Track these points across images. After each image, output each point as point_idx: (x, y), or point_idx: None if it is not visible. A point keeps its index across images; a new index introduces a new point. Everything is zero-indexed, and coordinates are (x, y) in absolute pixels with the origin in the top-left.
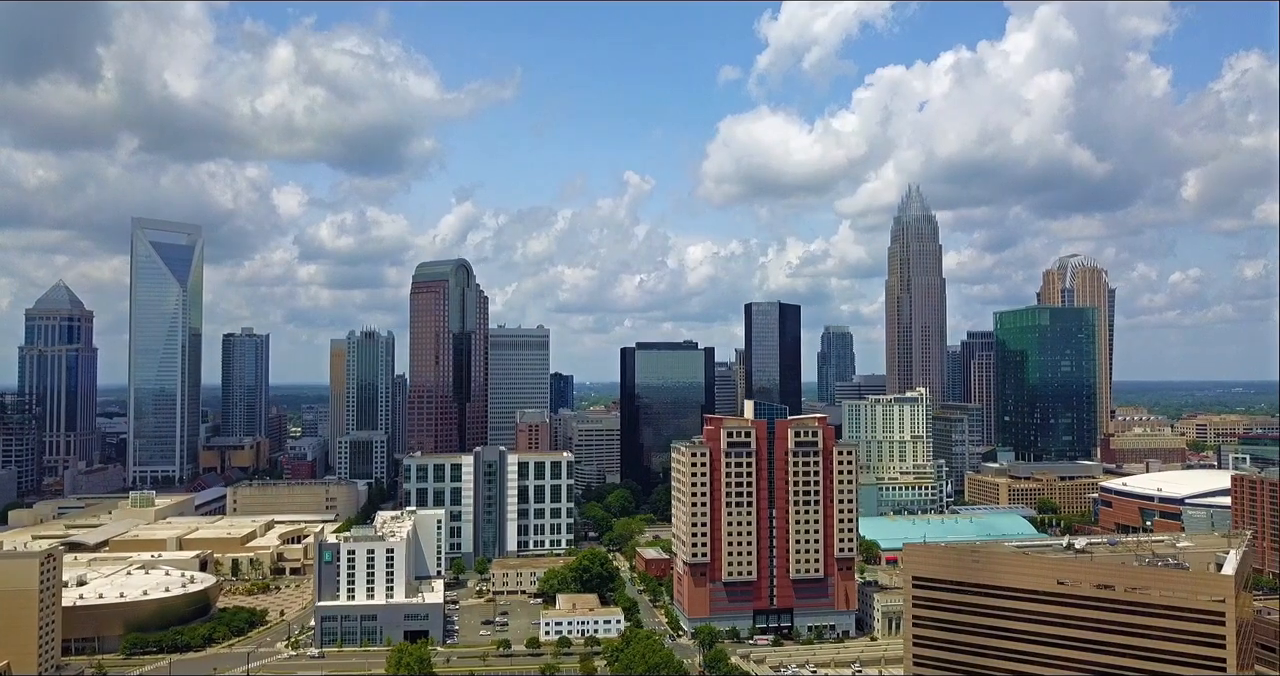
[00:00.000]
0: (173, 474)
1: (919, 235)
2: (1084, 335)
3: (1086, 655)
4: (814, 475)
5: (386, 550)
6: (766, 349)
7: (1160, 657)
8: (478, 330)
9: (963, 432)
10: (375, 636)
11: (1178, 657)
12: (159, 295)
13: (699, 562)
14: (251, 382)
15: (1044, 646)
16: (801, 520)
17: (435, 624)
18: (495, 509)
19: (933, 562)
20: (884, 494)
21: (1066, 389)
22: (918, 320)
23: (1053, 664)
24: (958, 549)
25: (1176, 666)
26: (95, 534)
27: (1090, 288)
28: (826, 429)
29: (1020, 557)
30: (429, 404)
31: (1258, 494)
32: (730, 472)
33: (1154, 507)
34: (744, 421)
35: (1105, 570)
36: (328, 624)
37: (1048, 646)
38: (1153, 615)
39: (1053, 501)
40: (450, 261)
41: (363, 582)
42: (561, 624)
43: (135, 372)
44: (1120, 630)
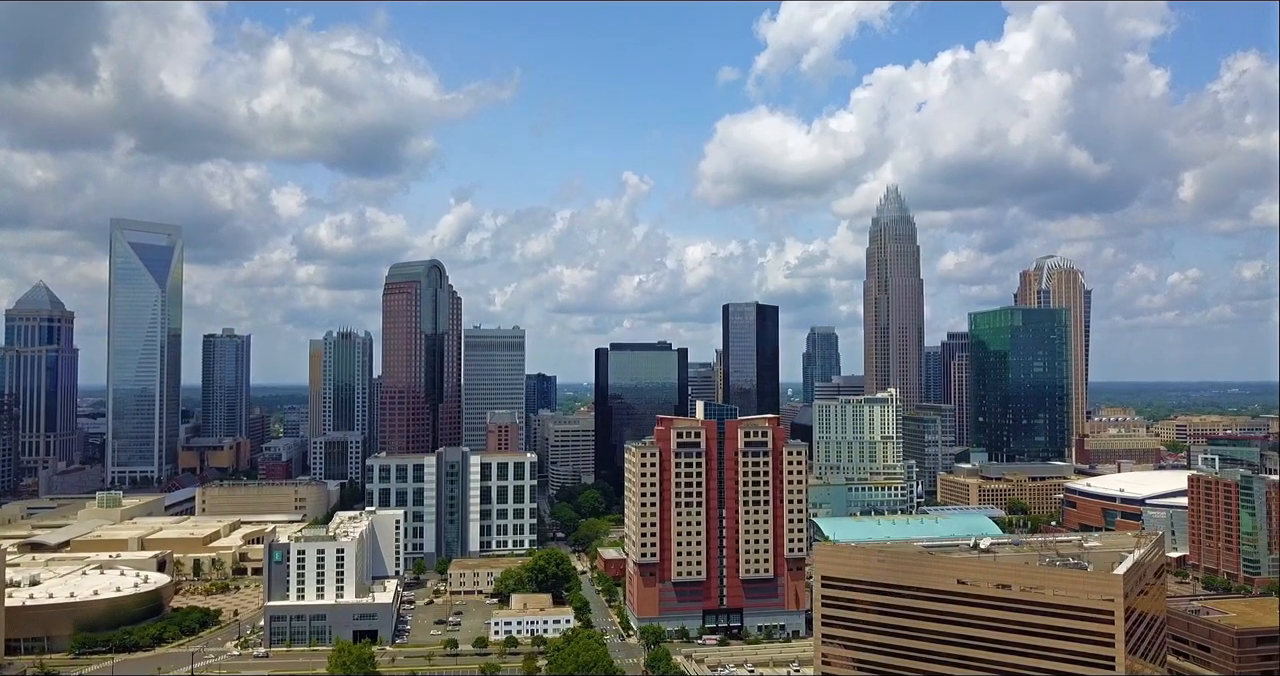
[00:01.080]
0: (151, 474)
1: (897, 236)
2: (1056, 336)
3: (988, 654)
4: (764, 475)
5: (337, 550)
6: (744, 350)
7: (1055, 656)
8: (451, 331)
9: (935, 433)
10: (325, 636)
11: (1071, 656)
12: (138, 296)
13: (648, 562)
14: (232, 383)
15: (948, 645)
16: (751, 520)
17: (384, 623)
18: (458, 509)
19: (841, 562)
20: (853, 494)
21: (1039, 389)
22: (895, 321)
23: (957, 663)
24: (865, 549)
25: (1070, 664)
26: (58, 534)
27: (1066, 289)
28: (776, 429)
29: (924, 557)
30: (401, 404)
31: (1213, 494)
32: (680, 473)
33: (1116, 508)
34: (694, 422)
35: (1003, 570)
36: (277, 623)
37: (951, 645)
38: (1047, 614)
39: (1023, 502)
40: (422, 262)
41: (313, 582)
42: (511, 624)
43: (114, 373)
44: (1018, 629)
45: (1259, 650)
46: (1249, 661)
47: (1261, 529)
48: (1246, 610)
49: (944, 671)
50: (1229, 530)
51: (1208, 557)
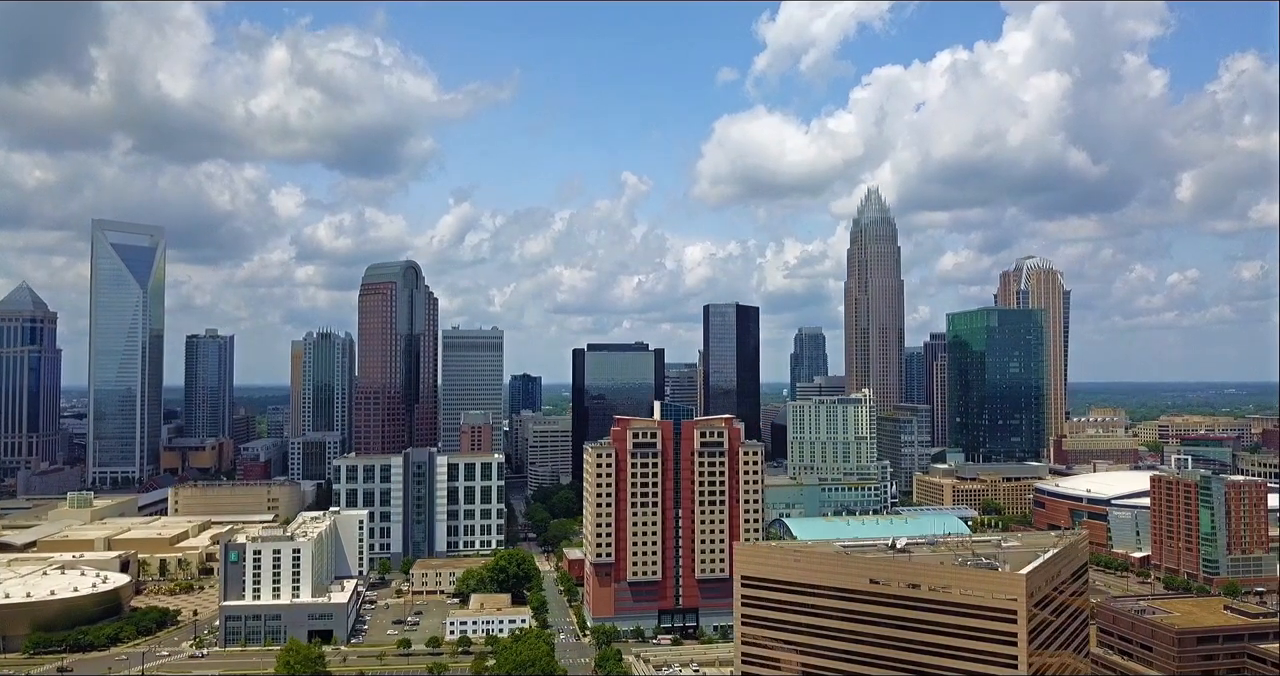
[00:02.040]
0: (132, 475)
1: (877, 237)
2: (1032, 336)
3: (901, 653)
4: (719, 475)
5: (293, 550)
6: (724, 350)
7: (962, 655)
8: (427, 331)
9: (912, 434)
10: (280, 636)
11: (977, 655)
12: (120, 297)
13: (603, 563)
14: (215, 384)
15: (863, 645)
16: (707, 520)
17: (339, 623)
18: (424, 510)
19: (759, 562)
20: (827, 494)
21: (1015, 390)
22: (875, 321)
23: (872, 662)
24: (783, 549)
25: (977, 663)
26: (26, 534)
27: (1045, 289)
28: (732, 429)
29: (838, 557)
30: (376, 405)
31: (1174, 495)
32: (636, 473)
33: (1083, 508)
34: (650, 422)
35: (913, 570)
36: (232, 623)
37: (866, 645)
38: (954, 613)
39: (996, 502)
40: (398, 263)
41: (268, 582)
42: (467, 623)
43: (95, 373)
44: (928, 628)
45: (1199, 649)
46: (1189, 661)
47: (1220, 529)
48: (1192, 610)
49: (860, 671)
50: (1189, 530)
51: (1169, 558)
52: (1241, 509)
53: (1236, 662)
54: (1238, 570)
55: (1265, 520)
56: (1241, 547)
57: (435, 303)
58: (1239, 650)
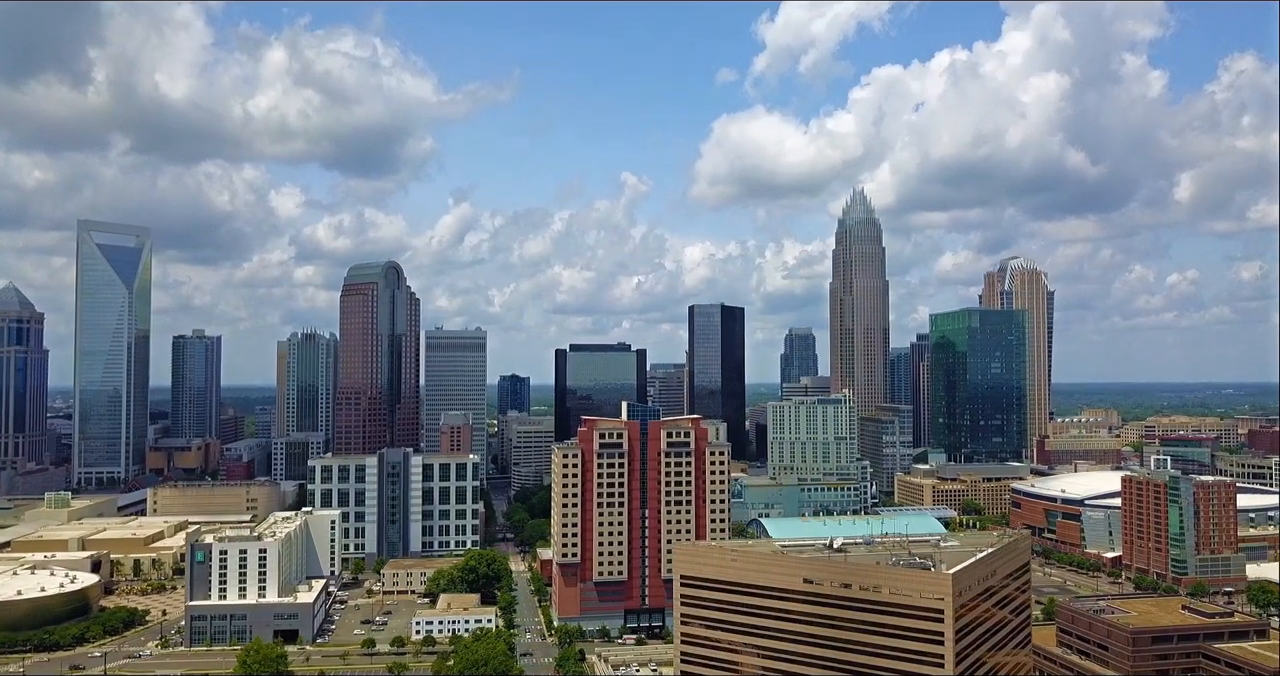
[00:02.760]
0: (118, 475)
1: (862, 237)
2: (1014, 337)
3: (834, 652)
4: (686, 475)
5: (259, 551)
6: (709, 351)
7: (892, 654)
8: (409, 332)
9: (893, 434)
10: (245, 635)
11: (906, 654)
12: (105, 297)
13: (569, 563)
14: (201, 384)
15: (798, 644)
16: (673, 520)
17: (305, 623)
18: (399, 510)
19: (698, 562)
20: (806, 494)
21: (996, 390)
22: (860, 322)
23: (807, 662)
24: (720, 548)
25: (906, 662)
26: (1, 534)
27: (1029, 290)
28: (699, 430)
29: (774, 557)
30: (357, 405)
31: (1144, 495)
32: (602, 473)
33: (1057, 509)
34: (617, 422)
35: (845, 569)
36: (198, 623)
37: (801, 644)
38: (884, 612)
39: (976, 502)
40: (379, 263)
41: (235, 582)
42: (433, 623)
43: (81, 374)
44: (859, 628)
45: (1154, 649)
46: (1144, 660)
47: (1189, 529)
48: (1150, 610)
49: (796, 670)
50: (1158, 531)
51: (1139, 558)
52: (1210, 509)
53: (1192, 662)
54: (1206, 570)
55: (1234, 520)
56: (1210, 548)
57: (417, 303)
58: (1194, 649)
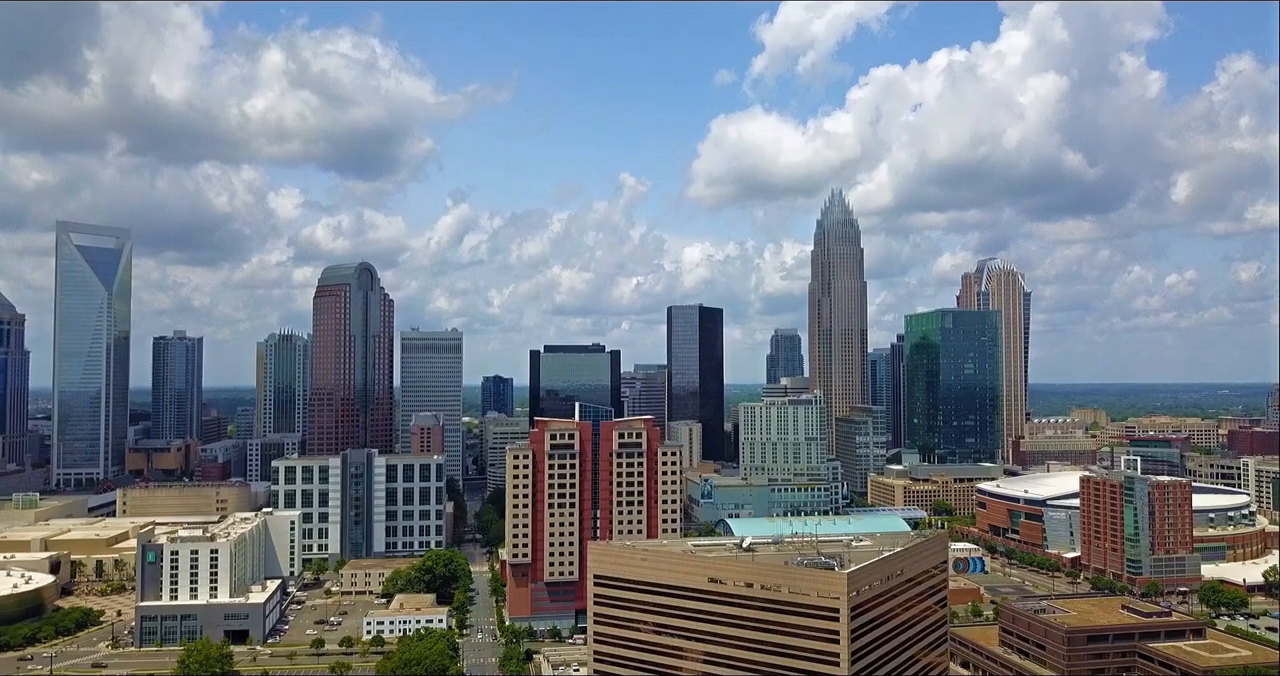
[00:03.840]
0: (96, 476)
1: (840, 239)
2: (987, 338)
3: (738, 651)
4: (638, 476)
5: (211, 551)
6: (687, 351)
7: (792, 653)
8: (382, 333)
9: (867, 434)
10: (196, 635)
11: (804, 653)
12: (84, 299)
13: (521, 563)
14: (182, 385)
15: (704, 643)
16: (625, 520)
17: (255, 623)
18: (363, 510)
19: (611, 561)
20: (776, 495)
21: (969, 391)
22: (838, 322)
23: (713, 661)
24: (632, 547)
25: (804, 661)
26: None
27: (1006, 291)
28: (651, 430)
29: (683, 556)
30: (330, 406)
31: (1101, 495)
32: (554, 474)
33: (1020, 509)
34: (568, 423)
35: (748, 568)
36: (148, 623)
37: (707, 643)
38: (784, 612)
39: (947, 503)
40: (352, 264)
41: (186, 583)
42: (384, 623)
43: (60, 375)
44: (761, 627)
45: (1089, 648)
46: (1079, 659)
47: (1143, 529)
48: (1090, 610)
49: (703, 669)
50: (1114, 531)
51: (1097, 558)
52: (1166, 509)
53: (1128, 661)
54: (1161, 570)
55: (1189, 520)
56: (1166, 548)
57: (391, 304)
58: (1130, 649)
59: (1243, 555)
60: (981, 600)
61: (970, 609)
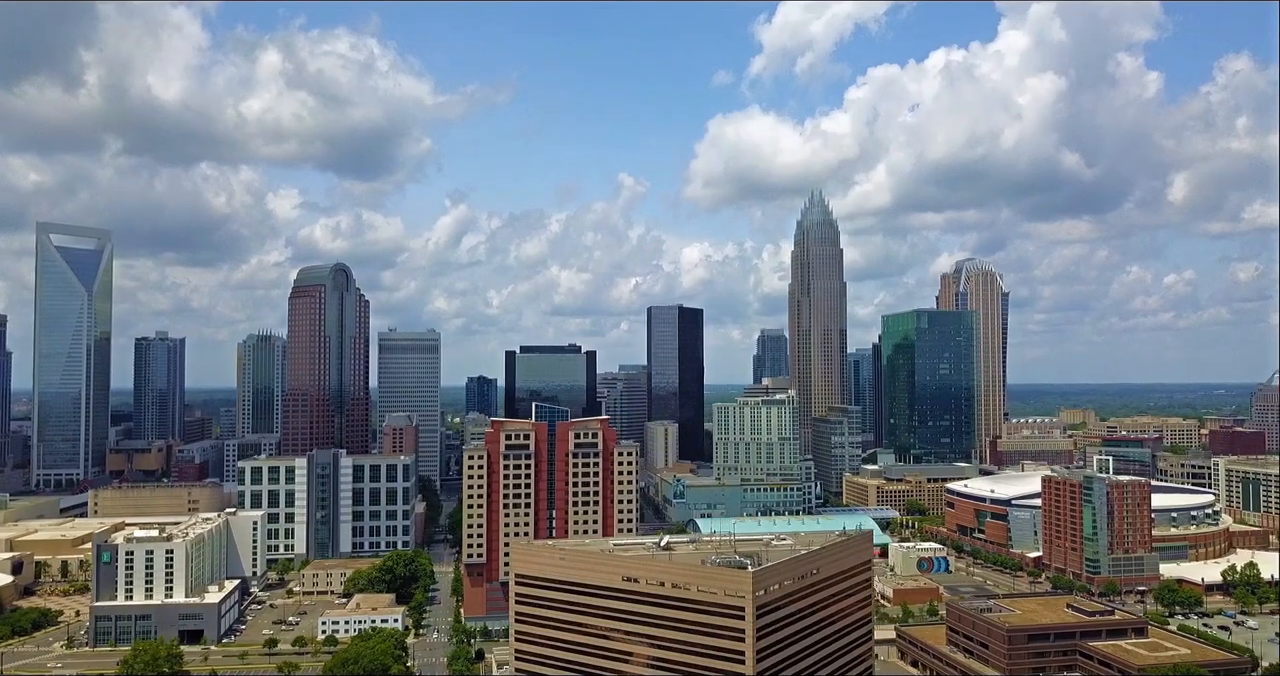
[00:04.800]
0: (76, 477)
1: (820, 239)
2: (962, 338)
3: (652, 650)
4: (594, 476)
5: (166, 551)
6: (666, 352)
7: (702, 652)
8: (358, 334)
9: (842, 434)
10: (150, 635)
11: (713, 651)
12: (65, 300)
13: (476, 563)
14: (164, 386)
15: (619, 642)
16: (580, 520)
17: (210, 623)
18: (329, 511)
19: (532, 560)
20: (749, 495)
21: (944, 391)
22: (817, 323)
23: (628, 659)
24: (553, 547)
25: (713, 659)
26: None
27: (984, 291)
28: (607, 430)
29: (600, 555)
30: (305, 407)
31: (1061, 494)
32: (509, 474)
33: (986, 509)
34: (524, 424)
35: (661, 567)
36: (103, 623)
37: (623, 641)
38: (693, 610)
39: (920, 503)
40: (327, 266)
41: (141, 583)
42: (339, 622)
43: (40, 376)
44: (673, 625)
45: (1030, 647)
46: (1019, 658)
47: (1102, 529)
48: (1036, 609)
49: (618, 667)
50: (1074, 530)
51: (1058, 557)
52: (1125, 509)
53: (1069, 660)
54: (1120, 569)
55: (1148, 520)
56: (1125, 547)
57: (367, 305)
58: (1071, 647)
59: (1205, 554)
60: (940, 599)
61: (928, 608)
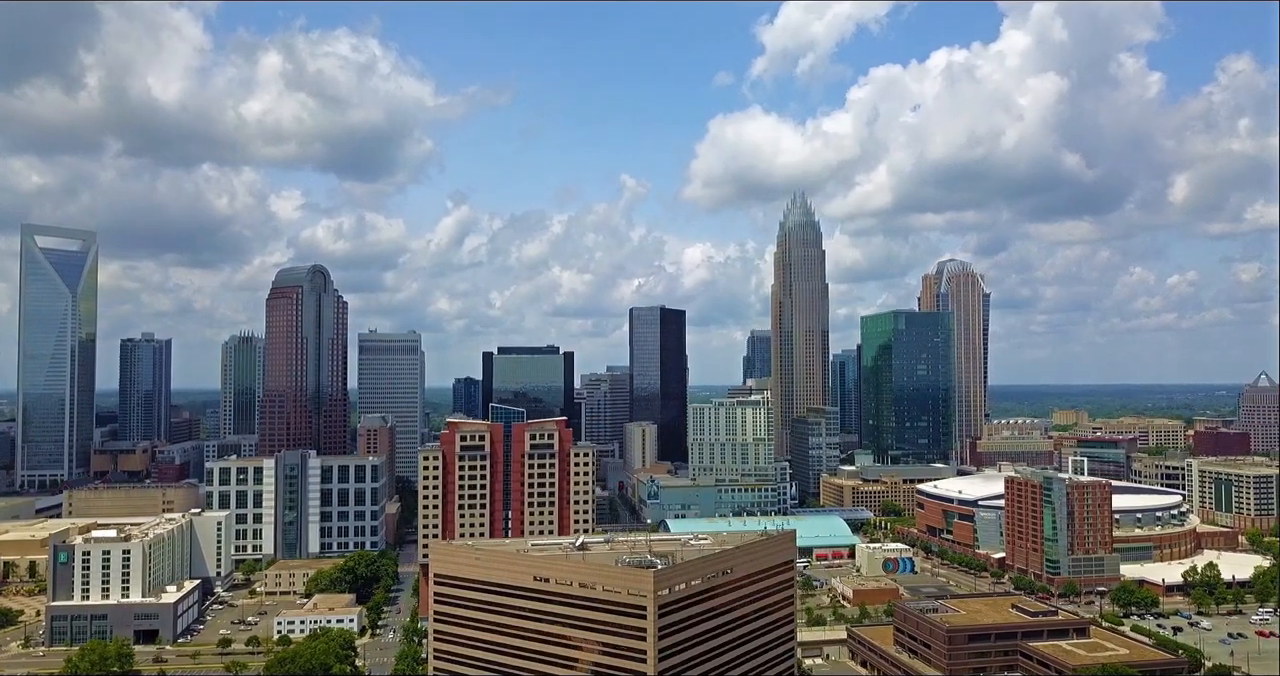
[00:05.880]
0: (61, 478)
1: (801, 241)
2: (940, 339)
3: (562, 648)
4: (549, 477)
5: (123, 551)
6: (648, 353)
7: (606, 650)
8: (336, 336)
9: (820, 435)
10: (106, 635)
11: (619, 650)
12: (48, 301)
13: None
14: (149, 387)
15: (531, 641)
16: (536, 520)
17: (165, 623)
18: (298, 511)
19: (449, 560)
20: (723, 495)
21: (922, 392)
22: (799, 324)
23: (539, 658)
24: (469, 546)
25: (620, 658)
26: None
27: (965, 292)
28: (563, 431)
29: (513, 555)
30: (282, 408)
31: (1023, 495)
32: (464, 475)
33: (954, 509)
34: (479, 424)
35: (570, 567)
36: (58, 623)
37: (533, 641)
38: (599, 609)
39: (896, 504)
40: (304, 267)
41: (98, 583)
42: (294, 622)
43: (24, 377)
44: (580, 624)
45: (969, 647)
46: (959, 658)
47: (1061, 530)
48: (982, 609)
49: (530, 666)
50: (1035, 531)
51: (1020, 558)
52: (1085, 509)
53: (1010, 660)
54: (1079, 570)
55: (1109, 520)
56: (1085, 548)
57: (345, 306)
58: (1012, 648)
59: (1171, 555)
60: (900, 600)
61: (886, 609)
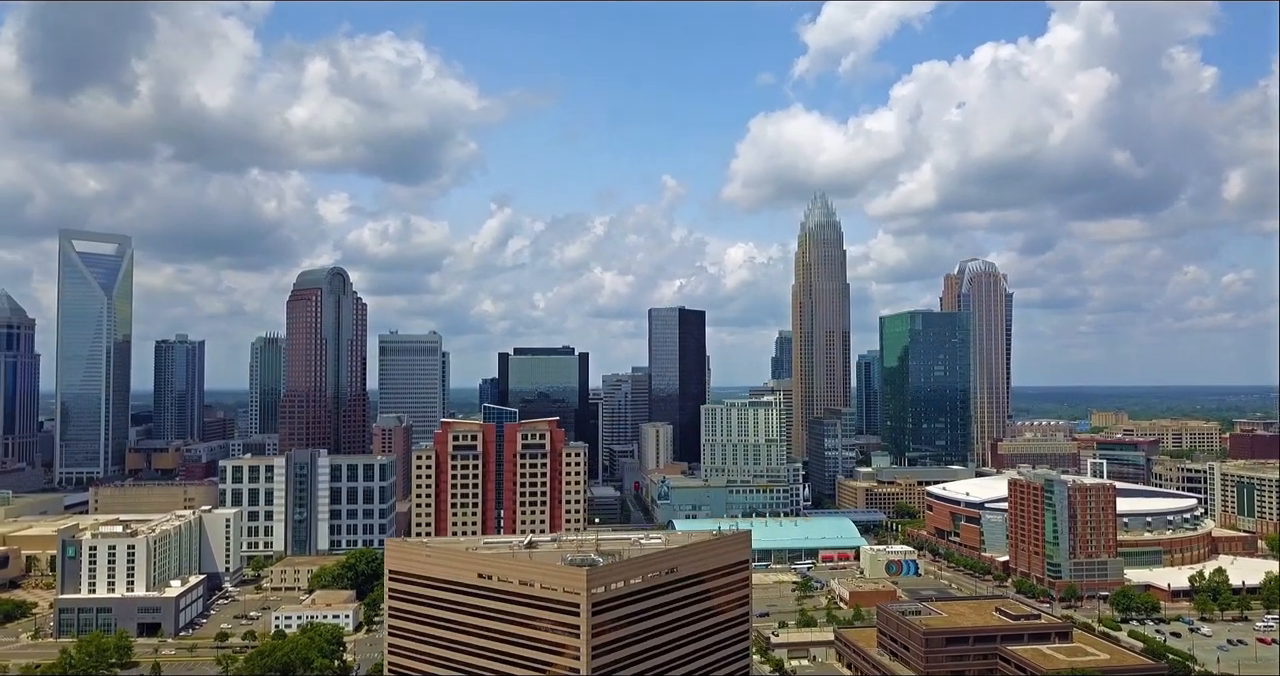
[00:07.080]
0: (97, 475)
1: (821, 241)
2: (958, 339)
3: (503, 645)
4: (541, 476)
5: (129, 546)
6: (667, 354)
7: (544, 647)
8: (355, 337)
9: (835, 436)
10: (111, 628)
11: (554, 647)
12: (85, 304)
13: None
14: (183, 387)
15: (475, 637)
16: (528, 519)
17: (167, 617)
18: (308, 509)
19: (403, 558)
20: (734, 496)
21: (939, 393)
22: (820, 324)
23: (483, 654)
24: (422, 544)
25: (554, 656)
26: None
27: (987, 292)
28: (555, 432)
29: (461, 553)
30: (302, 409)
31: (1025, 498)
32: (456, 474)
33: (961, 512)
34: (472, 424)
35: (511, 565)
36: (65, 616)
37: (478, 637)
38: (536, 607)
39: (910, 506)
40: (324, 269)
41: (104, 577)
42: (292, 617)
43: (62, 378)
44: (519, 621)
45: (947, 650)
46: (937, 661)
47: (1063, 533)
48: (965, 612)
49: (477, 662)
50: (1038, 534)
51: (1023, 561)
52: (1088, 512)
53: (988, 663)
54: (1081, 573)
55: (1113, 524)
56: (1088, 551)
57: (364, 308)
58: (991, 651)
59: (1183, 559)
60: (898, 602)
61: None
